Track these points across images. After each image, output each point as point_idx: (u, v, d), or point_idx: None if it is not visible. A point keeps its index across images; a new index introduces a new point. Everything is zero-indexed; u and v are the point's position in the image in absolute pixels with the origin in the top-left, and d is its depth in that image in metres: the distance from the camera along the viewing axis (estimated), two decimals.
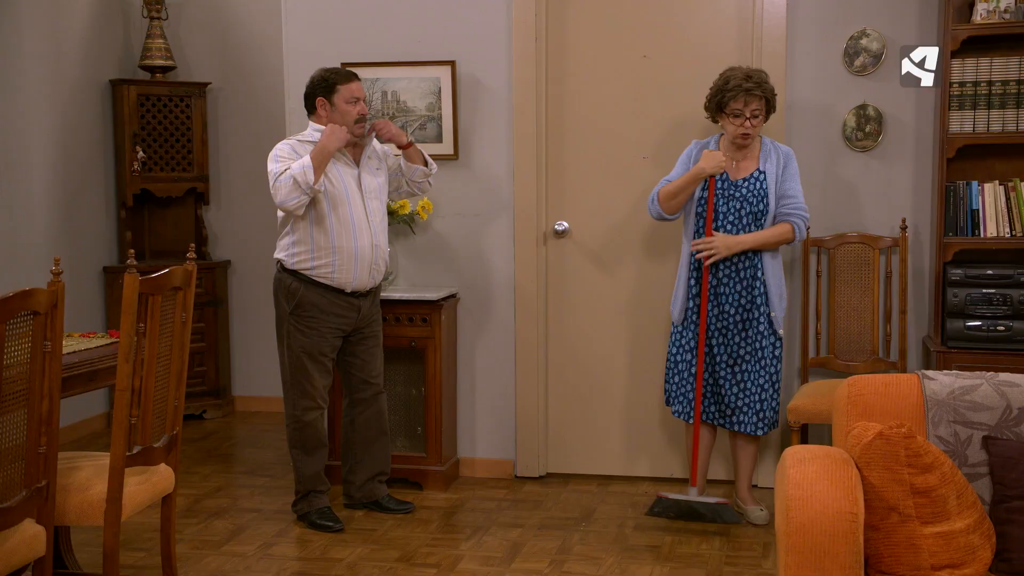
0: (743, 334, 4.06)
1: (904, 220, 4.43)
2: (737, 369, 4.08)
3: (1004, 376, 2.68)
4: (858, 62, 4.45)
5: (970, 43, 4.16)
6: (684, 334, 4.15)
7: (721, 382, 4.10)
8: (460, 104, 4.74)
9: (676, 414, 4.21)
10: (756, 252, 4.04)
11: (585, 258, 4.78)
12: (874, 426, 2.53)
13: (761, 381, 4.08)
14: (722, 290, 4.07)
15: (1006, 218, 4.18)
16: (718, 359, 4.09)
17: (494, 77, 4.71)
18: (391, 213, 4.55)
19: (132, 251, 3.36)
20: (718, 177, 4.06)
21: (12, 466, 2.67)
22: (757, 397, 4.08)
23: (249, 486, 4.77)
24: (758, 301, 4.05)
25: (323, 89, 4.06)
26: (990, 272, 4.16)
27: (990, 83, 4.15)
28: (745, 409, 4.09)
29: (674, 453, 4.73)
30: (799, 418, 4.15)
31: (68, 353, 3.32)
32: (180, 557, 3.77)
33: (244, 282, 6.16)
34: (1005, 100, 4.15)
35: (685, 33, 4.61)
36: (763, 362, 4.07)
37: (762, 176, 4.06)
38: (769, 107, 4.03)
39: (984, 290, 4.15)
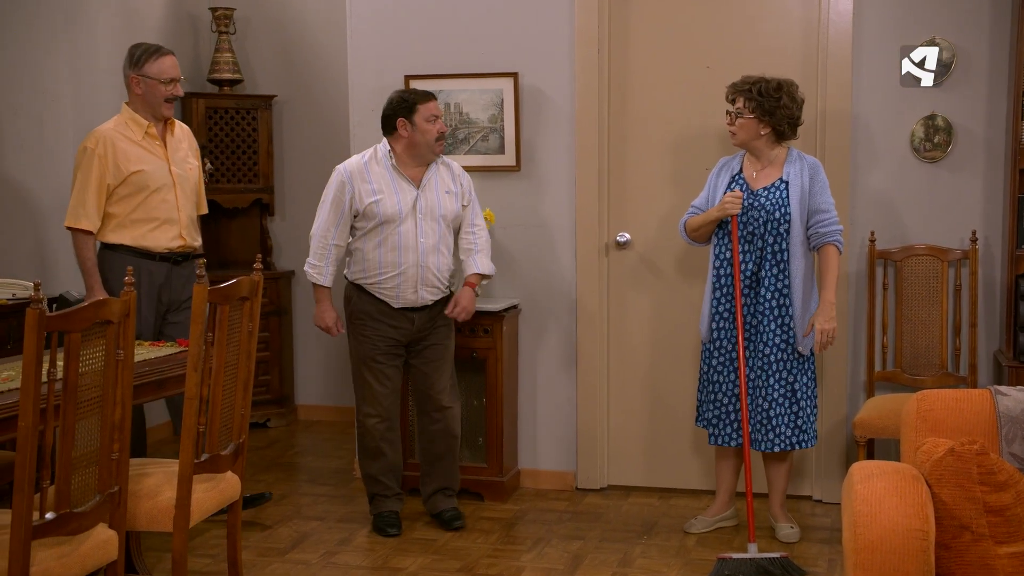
0: (761, 352, 3.98)
1: (974, 232, 4.34)
2: (751, 386, 3.99)
3: None
4: None
5: None
6: (714, 353, 4.08)
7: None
8: (523, 115, 4.76)
9: (713, 440, 4.13)
10: (788, 284, 3.96)
11: (647, 270, 4.76)
12: (945, 442, 2.48)
13: (777, 397, 3.98)
14: (753, 321, 4.01)
15: None
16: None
17: (556, 88, 4.72)
18: None
19: (201, 261, 3.39)
20: (741, 187, 4.03)
21: (86, 471, 2.73)
22: (768, 414, 3.98)
23: (312, 494, 4.82)
24: (784, 321, 3.98)
25: (403, 109, 4.12)
26: None
27: None
28: (759, 427, 4.00)
29: None
30: (865, 433, 4.08)
31: (137, 362, 3.39)
32: (245, 564, 3.82)
33: (307, 292, 6.21)
34: None
35: (749, 44, 4.57)
36: (782, 381, 3.98)
37: (783, 186, 3.99)
38: (763, 110, 3.93)
39: None
